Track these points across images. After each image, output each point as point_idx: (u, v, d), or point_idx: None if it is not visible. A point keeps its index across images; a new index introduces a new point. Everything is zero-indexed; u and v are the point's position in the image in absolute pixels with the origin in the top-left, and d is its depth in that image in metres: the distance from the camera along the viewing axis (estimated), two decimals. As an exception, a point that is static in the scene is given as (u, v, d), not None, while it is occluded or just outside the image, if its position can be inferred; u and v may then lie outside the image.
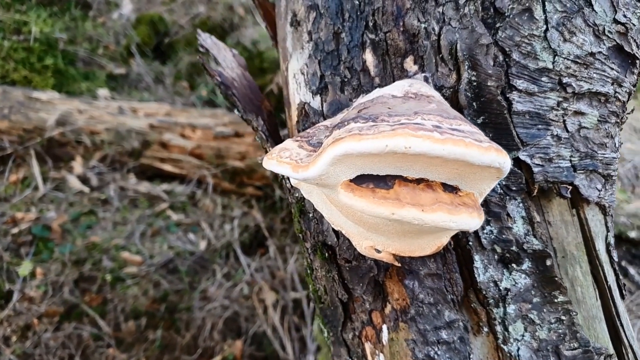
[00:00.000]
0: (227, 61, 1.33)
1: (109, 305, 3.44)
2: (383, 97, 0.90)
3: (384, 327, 1.11)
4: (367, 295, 1.11)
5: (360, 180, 0.83)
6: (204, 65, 1.26)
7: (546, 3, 0.98)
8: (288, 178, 1.20)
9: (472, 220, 0.82)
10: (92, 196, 4.10)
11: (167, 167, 4.51)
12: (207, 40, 1.33)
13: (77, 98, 4.70)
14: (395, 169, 0.83)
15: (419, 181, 0.84)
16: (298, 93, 1.21)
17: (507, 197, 1.02)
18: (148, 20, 6.25)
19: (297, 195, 1.19)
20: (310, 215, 1.17)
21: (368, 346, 1.15)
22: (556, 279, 1.02)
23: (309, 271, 1.25)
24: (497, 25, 1.00)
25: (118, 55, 6.02)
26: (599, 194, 1.07)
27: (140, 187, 4.27)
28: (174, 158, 4.53)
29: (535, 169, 1.01)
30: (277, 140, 1.26)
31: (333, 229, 1.13)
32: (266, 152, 1.24)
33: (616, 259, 1.13)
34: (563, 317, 1.03)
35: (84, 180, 4.22)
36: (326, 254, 1.15)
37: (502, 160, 0.80)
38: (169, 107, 4.79)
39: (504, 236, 1.02)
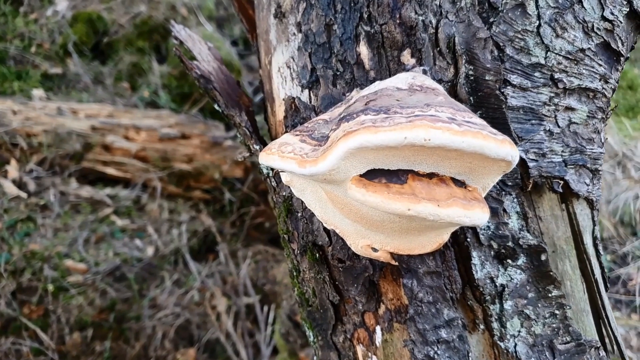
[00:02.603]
0: (202, 54, 1.26)
1: (51, 317, 3.24)
2: (387, 90, 0.87)
3: (378, 328, 1.08)
4: (360, 296, 1.07)
5: (371, 175, 0.80)
6: (180, 57, 1.18)
7: (540, -2, 0.98)
8: (275, 176, 1.15)
9: (484, 215, 0.81)
10: (29, 202, 3.85)
11: (111, 171, 4.32)
12: (181, 32, 1.25)
13: (10, 98, 4.41)
14: (408, 163, 0.80)
15: (430, 176, 0.81)
16: (283, 87, 1.16)
17: (503, 193, 1.02)
18: (85, 18, 5.97)
19: (284, 194, 1.14)
20: (299, 214, 1.13)
21: (360, 349, 1.12)
22: (551, 273, 1.02)
23: (294, 273, 1.20)
24: (491, 20, 0.99)
25: (53, 54, 5.71)
26: (588, 189, 1.08)
27: (82, 192, 4.05)
28: (117, 161, 4.34)
29: (531, 164, 1.01)
30: (258, 136, 1.20)
31: (324, 229, 1.09)
32: (249, 149, 1.18)
33: (602, 253, 1.15)
34: (557, 312, 1.04)
35: (20, 185, 3.96)
36: (317, 255, 1.10)
37: (515, 153, 0.79)
38: (111, 108, 4.58)
39: (500, 232, 1.02)
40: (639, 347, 3.63)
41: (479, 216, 0.79)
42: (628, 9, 1.06)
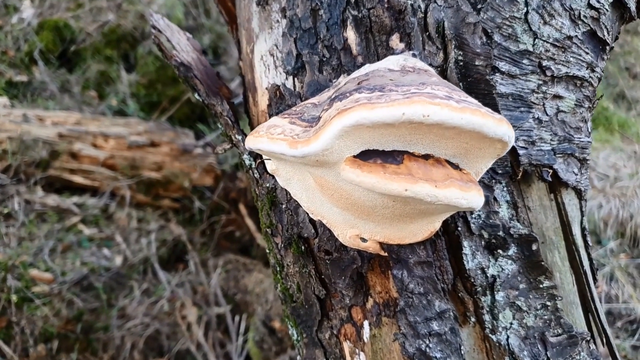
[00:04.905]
0: (181, 44, 1.21)
1: (14, 329, 3.09)
2: (379, 71, 0.85)
3: (365, 323, 1.04)
4: (347, 289, 1.03)
5: (366, 156, 0.77)
6: (159, 45, 1.14)
7: (528, -16, 0.97)
8: (258, 166, 1.11)
9: (480, 197, 0.78)
10: (-9, 210, 3.70)
11: (78, 179, 4.18)
12: (159, 21, 1.21)
13: (-28, 104, 4.26)
14: (404, 143, 0.77)
15: (426, 157, 0.79)
16: (266, 76, 1.12)
17: (494, 181, 1.00)
18: (52, 26, 5.82)
19: (267, 185, 1.10)
20: (284, 206, 1.09)
21: (347, 345, 1.07)
22: (542, 263, 1.00)
23: (278, 269, 1.15)
24: (479, 6, 0.98)
25: (19, 61, 5.54)
26: (576, 178, 1.07)
27: (49, 200, 3.92)
28: (85, 169, 4.21)
29: (521, 152, 0.99)
30: (240, 127, 1.16)
31: (310, 220, 1.05)
32: (231, 140, 1.14)
33: (590, 244, 1.14)
34: (548, 303, 1.02)
35: (-19, 193, 3.81)
36: (302, 248, 1.06)
37: (511, 133, 0.77)
38: (78, 116, 4.46)
39: (491, 221, 0.99)
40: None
41: (475, 198, 0.77)
42: (613, -2, 1.06)
